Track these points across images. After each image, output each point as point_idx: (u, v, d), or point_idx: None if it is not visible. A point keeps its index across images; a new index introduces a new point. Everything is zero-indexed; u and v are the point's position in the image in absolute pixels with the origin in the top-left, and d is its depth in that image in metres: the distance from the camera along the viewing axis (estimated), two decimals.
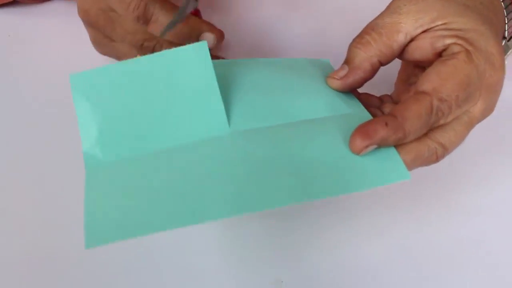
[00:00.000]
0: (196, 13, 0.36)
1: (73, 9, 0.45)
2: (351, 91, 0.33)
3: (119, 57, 0.37)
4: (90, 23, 0.36)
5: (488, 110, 0.31)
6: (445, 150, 0.30)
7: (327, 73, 0.33)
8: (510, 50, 0.35)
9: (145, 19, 0.33)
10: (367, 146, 0.27)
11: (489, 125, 0.39)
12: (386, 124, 0.27)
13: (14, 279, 0.34)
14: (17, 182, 0.37)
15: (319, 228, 0.36)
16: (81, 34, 0.41)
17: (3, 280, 0.33)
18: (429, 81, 0.29)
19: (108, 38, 0.36)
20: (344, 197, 0.36)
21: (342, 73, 0.32)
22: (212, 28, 0.33)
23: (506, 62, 0.35)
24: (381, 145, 0.28)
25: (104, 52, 0.38)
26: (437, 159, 0.30)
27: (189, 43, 0.29)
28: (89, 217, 0.25)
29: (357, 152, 0.28)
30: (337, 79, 0.32)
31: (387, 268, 0.34)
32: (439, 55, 0.30)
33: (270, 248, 0.35)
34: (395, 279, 0.34)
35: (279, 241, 0.35)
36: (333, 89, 0.32)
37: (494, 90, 0.30)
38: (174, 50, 0.28)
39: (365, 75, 0.31)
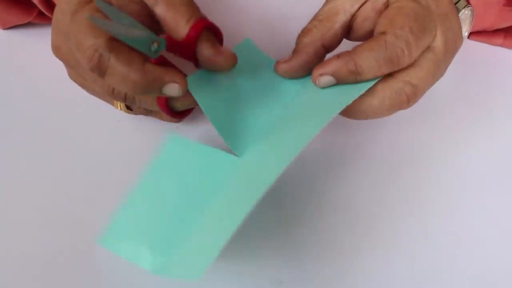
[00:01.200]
0: (162, 58, 0.32)
1: None
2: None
3: (96, 95, 0.35)
4: (62, 60, 0.33)
5: (451, 41, 0.31)
6: (415, 88, 0.31)
7: (260, 61, 0.35)
8: (460, 12, 0.34)
9: (100, 71, 0.28)
10: (321, 75, 0.31)
11: (485, 124, 0.40)
12: (338, 56, 0.30)
13: (14, 279, 0.34)
14: (17, 182, 0.37)
15: (319, 229, 0.36)
16: None
17: (3, 280, 0.34)
18: (380, 24, 0.30)
19: (82, 77, 0.34)
20: (343, 198, 0.37)
21: (287, 58, 0.33)
22: (174, 75, 0.29)
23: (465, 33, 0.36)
24: (337, 78, 0.31)
25: (83, 88, 0.36)
26: (408, 100, 0.31)
27: (152, 95, 0.31)
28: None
29: (315, 81, 0.31)
30: (282, 63, 0.33)
31: (386, 269, 0.34)
32: None
33: (270, 248, 0.35)
34: (395, 280, 0.34)
35: (279, 241, 0.35)
36: (280, 75, 0.34)
37: (448, 19, 0.31)
38: (153, 159, 0.32)
39: (309, 58, 0.33)
